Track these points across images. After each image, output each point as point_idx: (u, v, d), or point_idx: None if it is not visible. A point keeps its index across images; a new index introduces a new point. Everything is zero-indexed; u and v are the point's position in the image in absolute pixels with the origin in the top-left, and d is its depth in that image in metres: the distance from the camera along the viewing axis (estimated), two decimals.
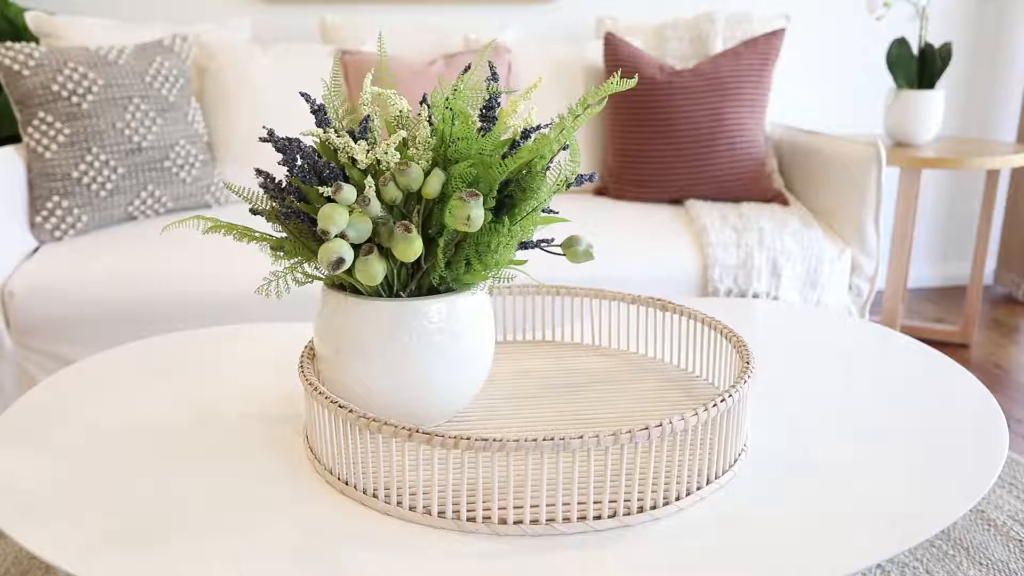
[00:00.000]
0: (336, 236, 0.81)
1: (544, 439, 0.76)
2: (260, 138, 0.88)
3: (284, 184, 0.89)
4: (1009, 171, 3.04)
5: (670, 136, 2.16)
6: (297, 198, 0.89)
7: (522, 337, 1.25)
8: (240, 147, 2.18)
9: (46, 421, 1.01)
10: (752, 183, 2.16)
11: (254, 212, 0.95)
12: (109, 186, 1.94)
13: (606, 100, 0.86)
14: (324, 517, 0.82)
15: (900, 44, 2.42)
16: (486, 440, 0.76)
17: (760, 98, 2.19)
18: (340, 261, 0.79)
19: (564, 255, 1.00)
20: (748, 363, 0.93)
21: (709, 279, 1.92)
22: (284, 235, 0.96)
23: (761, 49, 2.20)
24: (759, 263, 1.92)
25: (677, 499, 0.83)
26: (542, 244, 1.00)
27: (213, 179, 2.12)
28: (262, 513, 0.82)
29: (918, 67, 2.42)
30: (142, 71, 2.01)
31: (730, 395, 0.84)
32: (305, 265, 0.94)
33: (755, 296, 1.93)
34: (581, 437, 0.76)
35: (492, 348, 0.98)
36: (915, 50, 2.57)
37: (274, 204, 0.94)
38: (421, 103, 0.90)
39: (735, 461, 0.89)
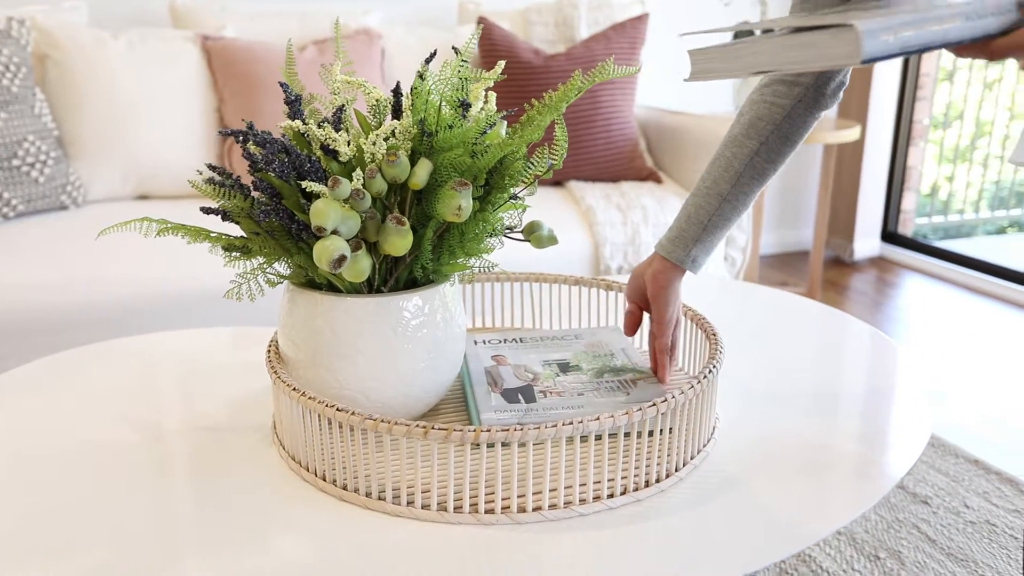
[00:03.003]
0: (331, 233, 0.77)
1: (564, 423, 0.76)
2: (221, 132, 0.82)
3: (256, 181, 0.83)
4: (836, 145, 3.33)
5: None
6: (268, 194, 0.84)
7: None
8: (95, 141, 2.00)
9: None
10: (628, 163, 2.25)
11: (208, 211, 0.89)
12: None
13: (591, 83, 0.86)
14: (332, 527, 0.78)
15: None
16: (507, 430, 0.75)
17: (630, 81, 2.27)
18: (342, 258, 0.76)
19: (528, 241, 1.00)
20: (715, 335, 0.98)
21: (601, 257, 1.98)
22: (242, 235, 0.90)
23: (629, 33, 2.28)
24: (646, 239, 2.01)
25: (676, 470, 0.86)
26: (507, 231, 1.00)
27: (68, 178, 1.94)
28: (263, 531, 0.77)
29: None
30: None
31: (714, 368, 0.88)
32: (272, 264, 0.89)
33: None
34: (598, 419, 0.77)
35: (465, 337, 0.97)
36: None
37: (230, 202, 0.88)
38: (394, 93, 0.87)
39: (714, 430, 0.94)
